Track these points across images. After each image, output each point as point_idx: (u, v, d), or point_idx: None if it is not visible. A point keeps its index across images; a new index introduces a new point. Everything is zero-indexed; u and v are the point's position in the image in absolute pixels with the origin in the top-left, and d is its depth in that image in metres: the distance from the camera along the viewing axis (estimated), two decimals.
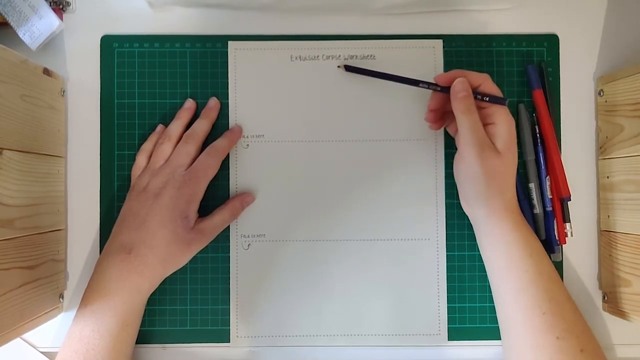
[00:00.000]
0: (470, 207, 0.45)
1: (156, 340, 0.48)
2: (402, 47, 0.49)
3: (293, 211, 0.48)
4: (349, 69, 0.47)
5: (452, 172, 0.47)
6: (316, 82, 0.49)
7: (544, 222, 0.47)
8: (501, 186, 0.42)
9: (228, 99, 0.49)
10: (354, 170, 0.48)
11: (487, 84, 0.43)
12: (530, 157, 0.48)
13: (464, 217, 0.48)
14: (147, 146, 0.47)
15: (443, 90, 0.44)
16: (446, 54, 0.49)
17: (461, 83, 0.43)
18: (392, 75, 0.46)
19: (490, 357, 0.48)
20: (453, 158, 0.47)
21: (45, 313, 0.45)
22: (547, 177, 0.48)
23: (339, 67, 0.48)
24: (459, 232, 0.48)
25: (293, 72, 0.49)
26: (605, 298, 0.48)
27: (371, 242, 0.48)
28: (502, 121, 0.43)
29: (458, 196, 0.48)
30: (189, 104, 0.48)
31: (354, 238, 0.48)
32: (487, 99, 0.43)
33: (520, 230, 0.42)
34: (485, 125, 0.43)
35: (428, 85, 0.45)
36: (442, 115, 0.47)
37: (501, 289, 0.43)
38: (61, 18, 0.47)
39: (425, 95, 0.48)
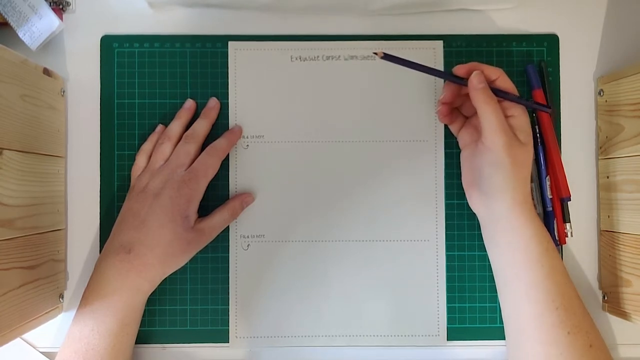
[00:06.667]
0: (491, 200, 0.43)
1: (156, 340, 0.48)
2: (402, 48, 0.49)
3: (293, 212, 0.48)
4: (387, 57, 0.43)
5: (452, 173, 0.47)
6: (316, 82, 0.49)
7: (544, 222, 0.47)
8: (525, 177, 0.42)
9: (228, 99, 0.49)
10: (353, 170, 0.48)
11: (503, 79, 0.44)
12: None
13: (463, 217, 0.48)
14: (147, 146, 0.47)
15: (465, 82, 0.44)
16: (446, 54, 0.49)
17: (478, 76, 0.43)
18: (427, 67, 0.44)
19: (489, 357, 0.48)
20: (453, 159, 0.47)
21: (45, 313, 0.45)
22: (547, 177, 0.48)
23: (375, 53, 0.43)
24: (459, 232, 0.48)
25: (293, 72, 0.49)
26: (605, 298, 0.48)
27: (371, 242, 0.48)
28: (521, 113, 0.43)
29: (458, 197, 0.48)
30: (189, 104, 0.48)
31: (353, 239, 0.48)
32: (534, 102, 0.43)
33: (537, 223, 0.42)
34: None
35: (461, 79, 0.44)
36: (452, 110, 0.46)
37: (513, 285, 0.42)
38: (61, 18, 0.48)
39: (425, 96, 0.48)
